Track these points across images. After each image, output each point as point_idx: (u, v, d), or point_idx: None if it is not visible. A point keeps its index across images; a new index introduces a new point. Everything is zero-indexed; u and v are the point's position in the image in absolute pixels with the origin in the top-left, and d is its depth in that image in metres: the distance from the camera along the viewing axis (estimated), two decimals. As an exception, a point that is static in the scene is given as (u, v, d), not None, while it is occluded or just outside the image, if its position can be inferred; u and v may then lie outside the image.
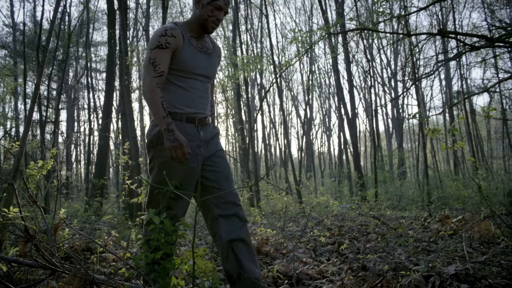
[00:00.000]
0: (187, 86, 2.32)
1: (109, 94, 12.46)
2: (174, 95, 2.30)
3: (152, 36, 2.29)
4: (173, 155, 2.12)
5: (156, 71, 2.21)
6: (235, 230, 2.24)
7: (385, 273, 3.00)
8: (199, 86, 2.38)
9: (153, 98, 2.17)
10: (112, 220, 7.81)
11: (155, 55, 2.23)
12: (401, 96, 24.14)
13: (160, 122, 2.16)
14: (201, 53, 2.38)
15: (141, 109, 24.43)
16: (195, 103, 2.35)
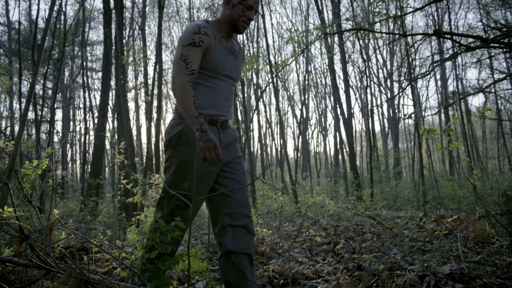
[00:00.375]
0: (213, 86, 2.28)
1: (105, 94, 12.41)
2: (199, 95, 2.23)
3: (185, 32, 2.23)
4: (206, 156, 2.05)
5: (188, 68, 2.16)
6: (242, 243, 2.18)
7: (380, 272, 3.01)
8: (224, 87, 2.33)
9: (186, 97, 2.12)
10: (107, 219, 7.79)
11: (187, 52, 2.17)
12: (397, 96, 24.19)
13: (193, 121, 2.10)
14: (229, 54, 2.34)
15: (137, 108, 24.38)
16: (220, 105, 2.30)
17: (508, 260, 3.39)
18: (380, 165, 22.57)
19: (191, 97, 2.12)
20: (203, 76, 2.25)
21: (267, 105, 30.93)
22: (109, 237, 4.47)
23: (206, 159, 2.05)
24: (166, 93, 27.15)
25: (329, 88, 27.60)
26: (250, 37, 24.34)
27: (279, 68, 12.29)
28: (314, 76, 29.27)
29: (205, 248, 4.10)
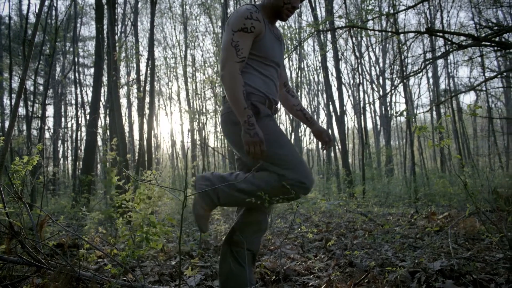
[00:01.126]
0: (266, 73, 2.21)
1: (97, 90, 12.34)
2: (257, 79, 2.17)
3: (236, 17, 2.11)
4: (250, 150, 1.99)
5: (238, 55, 2.06)
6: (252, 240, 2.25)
7: (371, 269, 3.03)
8: (274, 74, 2.28)
9: (235, 85, 2.03)
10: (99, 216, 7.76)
11: (238, 38, 2.07)
12: (389, 94, 24.28)
13: (240, 113, 2.02)
14: (276, 40, 2.29)
15: (129, 105, 24.26)
16: (273, 91, 2.26)
17: (498, 256, 3.43)
18: (372, 162, 22.66)
19: (240, 87, 2.04)
20: (256, 62, 2.19)
21: (260, 102, 30.85)
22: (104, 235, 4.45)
23: (249, 153, 2.00)
24: (158, 90, 27.06)
25: (321, 85, 27.65)
26: (243, 33, 24.29)
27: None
28: (307, 73, 29.31)
29: (197, 244, 4.09)
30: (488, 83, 18.29)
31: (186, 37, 23.45)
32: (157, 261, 3.40)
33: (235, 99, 2.02)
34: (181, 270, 3.03)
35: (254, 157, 2.00)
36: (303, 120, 2.57)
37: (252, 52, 2.16)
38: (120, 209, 2.83)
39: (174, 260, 3.48)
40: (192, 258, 3.51)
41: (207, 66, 21.00)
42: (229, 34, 2.09)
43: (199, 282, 2.63)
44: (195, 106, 24.82)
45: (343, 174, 15.50)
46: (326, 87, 18.10)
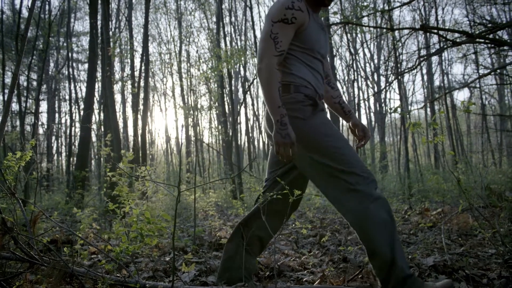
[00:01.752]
0: (313, 66, 2.09)
1: (91, 85, 12.29)
2: (307, 72, 2.06)
3: (276, 6, 1.98)
4: (280, 151, 1.91)
5: (277, 49, 1.94)
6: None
7: (365, 264, 3.04)
8: (320, 67, 2.15)
9: (271, 81, 1.93)
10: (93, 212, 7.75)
11: (277, 30, 1.94)
12: (383, 90, 24.33)
13: (273, 111, 1.92)
14: (321, 29, 2.14)
15: (124, 100, 24.17)
16: (320, 85, 2.15)
17: (490, 252, 3.45)
18: (366, 159, 22.71)
19: (276, 83, 1.94)
20: (302, 54, 2.06)
21: (255, 98, 30.89)
22: (99, 231, 4.44)
23: (279, 154, 1.93)
24: (153, 85, 26.97)
25: (316, 81, 27.57)
26: (238, 29, 24.26)
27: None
28: (302, 69, 29.27)
29: (191, 240, 4.09)
30: (482, 80, 18.40)
31: (181, 32, 23.37)
32: (151, 257, 3.39)
33: (270, 95, 1.93)
34: (175, 266, 3.03)
35: (282, 158, 1.93)
36: (341, 113, 2.49)
37: (297, 44, 2.04)
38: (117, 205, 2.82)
39: (168, 256, 3.48)
40: (186, 254, 3.50)
41: (202, 62, 20.95)
42: (268, 25, 1.98)
43: (193, 278, 2.63)
44: (189, 102, 24.77)
45: (337, 170, 15.49)
46: (321, 84, 18.08)
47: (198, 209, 8.01)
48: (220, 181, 15.04)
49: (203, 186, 14.20)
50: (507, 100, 25.19)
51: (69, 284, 2.27)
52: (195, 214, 2.21)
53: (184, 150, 25.38)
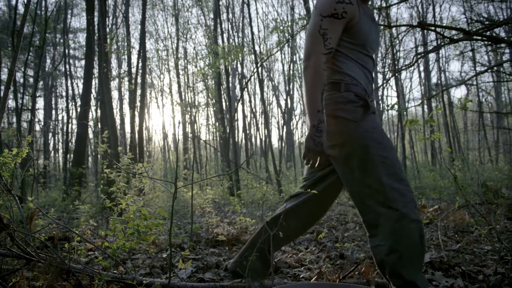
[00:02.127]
0: (365, 65, 1.93)
1: (88, 82, 12.24)
2: (359, 71, 1.91)
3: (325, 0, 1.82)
4: (308, 158, 1.80)
5: (326, 46, 1.79)
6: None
7: (362, 261, 3.05)
8: (370, 66, 1.98)
9: (316, 82, 1.78)
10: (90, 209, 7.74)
11: (327, 25, 1.78)
12: (380, 87, 24.36)
13: (311, 114, 1.77)
14: (372, 22, 1.96)
15: (121, 97, 24.12)
16: (370, 86, 1.98)
17: (486, 249, 3.47)
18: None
19: (321, 86, 1.79)
20: (352, 51, 1.90)
21: (252, 95, 30.92)
22: (96, 228, 4.43)
23: (306, 160, 1.82)
24: (150, 82, 26.92)
25: (314, 78, 27.59)
26: (235, 26, 24.21)
27: (264, 58, 12.25)
28: (299, 66, 29.31)
29: (188, 237, 4.09)
30: (479, 77, 18.40)
31: (178, 29, 23.31)
32: (148, 253, 3.39)
33: (311, 97, 1.78)
34: (172, 263, 3.03)
35: (307, 163, 1.83)
36: None
37: (348, 40, 1.89)
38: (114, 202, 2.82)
39: (166, 253, 3.48)
40: (183, 250, 3.51)
41: (199, 59, 20.92)
42: (317, 19, 1.81)
43: (190, 275, 2.63)
44: (187, 99, 24.73)
45: (334, 167, 15.52)
46: (318, 81, 18.07)
47: (195, 206, 8.01)
48: (218, 178, 15.03)
49: (200, 183, 14.20)
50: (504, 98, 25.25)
51: (66, 281, 2.27)
52: (192, 211, 2.18)
53: (181, 147, 25.37)
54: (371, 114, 1.94)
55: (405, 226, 1.77)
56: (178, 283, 2.22)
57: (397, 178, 1.83)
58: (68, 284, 2.18)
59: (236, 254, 2.41)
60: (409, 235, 1.77)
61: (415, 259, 1.79)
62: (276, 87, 31.58)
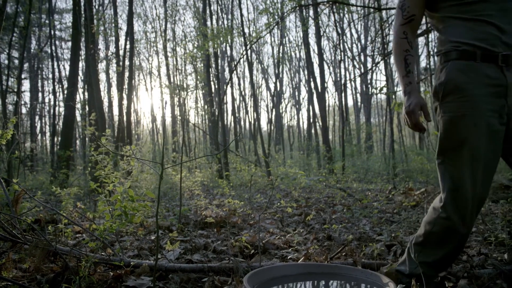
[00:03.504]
0: (470, 15, 1.66)
1: (75, 64, 12.05)
2: (458, 30, 1.69)
3: None
4: (408, 122, 1.75)
5: (404, 16, 1.79)
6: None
7: (349, 242, 3.08)
8: (492, 8, 1.64)
9: (397, 51, 1.79)
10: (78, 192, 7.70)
11: None
12: (370, 71, 24.36)
13: (400, 81, 1.78)
14: None
15: (108, 80, 23.85)
16: (489, 33, 1.62)
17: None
18: (352, 139, 22.88)
19: (402, 52, 1.78)
20: (453, 8, 1.70)
21: (241, 78, 30.77)
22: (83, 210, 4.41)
23: (406, 123, 1.78)
24: (138, 64, 26.63)
25: (303, 61, 27.60)
26: (224, 8, 23.93)
27: (253, 40, 12.14)
28: (289, 49, 29.18)
29: (176, 219, 4.10)
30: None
31: (166, 11, 22.99)
32: (136, 235, 3.39)
33: (396, 65, 1.81)
34: (159, 244, 3.04)
35: (407, 126, 1.79)
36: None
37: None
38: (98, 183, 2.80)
39: (154, 235, 3.48)
40: (172, 232, 3.51)
41: (188, 41, 20.70)
42: None
43: (178, 256, 2.63)
44: (175, 81, 24.53)
45: (323, 150, 15.63)
46: (308, 64, 18.05)
47: (184, 188, 8.01)
48: (206, 161, 15.02)
49: (189, 165, 14.19)
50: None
51: (53, 263, 2.26)
52: (181, 193, 2.19)
53: (170, 130, 25.26)
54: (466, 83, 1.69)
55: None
56: (166, 264, 2.23)
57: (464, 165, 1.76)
58: (55, 266, 2.17)
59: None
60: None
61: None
62: (265, 70, 31.45)
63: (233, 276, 1.99)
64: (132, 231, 3.47)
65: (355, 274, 1.83)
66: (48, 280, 1.97)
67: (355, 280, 1.80)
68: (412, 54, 1.78)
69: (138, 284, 1.89)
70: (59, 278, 2.00)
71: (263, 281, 1.75)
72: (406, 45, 1.78)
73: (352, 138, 23.53)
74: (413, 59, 1.79)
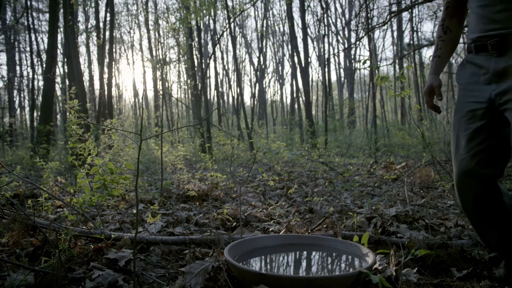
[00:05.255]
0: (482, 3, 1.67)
1: (53, 36, 11.71)
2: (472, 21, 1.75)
3: None
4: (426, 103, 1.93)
5: (444, 6, 1.91)
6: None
7: (330, 215, 3.11)
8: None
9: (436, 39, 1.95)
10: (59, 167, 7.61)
11: None
12: (353, 46, 24.31)
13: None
14: None
15: (89, 53, 23.36)
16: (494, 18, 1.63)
17: (449, 203, 3.59)
18: (335, 114, 22.96)
19: (436, 38, 1.94)
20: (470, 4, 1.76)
21: (224, 52, 30.44)
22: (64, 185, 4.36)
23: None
24: (119, 38, 26.09)
25: (287, 36, 27.36)
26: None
27: (237, 12, 11.97)
28: (273, 23, 28.86)
29: (159, 193, 4.08)
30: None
31: (148, -19, 22.44)
32: (118, 209, 3.38)
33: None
34: (139, 216, 3.03)
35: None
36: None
37: None
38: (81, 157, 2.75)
39: (136, 209, 3.47)
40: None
41: (170, 13, 20.28)
42: None
43: (160, 229, 2.63)
44: (158, 55, 24.13)
45: (306, 125, 15.67)
46: (292, 38, 17.91)
47: (166, 163, 7.98)
48: (189, 136, 14.95)
49: (171, 139, 14.11)
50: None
51: (32, 237, 2.23)
52: (162, 165, 2.17)
53: (152, 105, 24.99)
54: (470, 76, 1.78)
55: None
56: (147, 237, 2.22)
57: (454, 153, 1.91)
58: (34, 239, 2.15)
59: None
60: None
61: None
62: (249, 44, 31.15)
63: (215, 247, 2.00)
64: (113, 204, 3.45)
65: (335, 245, 1.85)
66: (27, 254, 1.95)
67: (335, 250, 1.82)
68: (444, 39, 1.91)
69: (119, 256, 1.89)
70: (39, 252, 1.98)
71: (244, 252, 1.76)
72: (440, 31, 1.92)
73: (335, 113, 23.62)
74: (444, 44, 1.91)
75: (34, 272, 1.62)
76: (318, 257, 1.81)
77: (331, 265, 1.69)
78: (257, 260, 1.73)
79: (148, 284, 1.67)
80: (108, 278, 1.64)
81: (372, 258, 1.51)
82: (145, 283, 1.67)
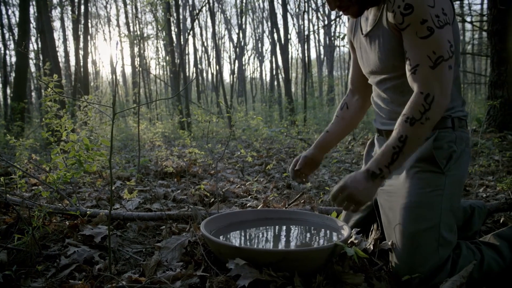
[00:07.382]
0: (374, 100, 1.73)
1: (25, 9, 11.32)
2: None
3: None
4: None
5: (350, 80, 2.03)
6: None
7: (308, 190, 3.14)
8: (374, 92, 1.71)
9: None
10: (34, 144, 7.47)
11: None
12: (333, 23, 24.22)
13: None
14: (365, 41, 1.61)
15: (63, 28, 22.72)
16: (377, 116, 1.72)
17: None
18: (314, 91, 23.00)
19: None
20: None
21: (203, 28, 30.06)
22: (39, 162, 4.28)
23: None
24: (95, 13, 25.44)
25: (266, 12, 27.08)
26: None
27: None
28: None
29: (136, 170, 4.05)
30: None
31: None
32: (95, 186, 3.34)
33: None
34: (115, 194, 3.01)
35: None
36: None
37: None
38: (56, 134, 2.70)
39: (110, 183, 3.44)
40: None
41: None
42: None
43: (137, 206, 2.62)
44: (135, 30, 23.65)
45: (285, 102, 15.68)
46: (271, 14, 17.75)
47: (145, 140, 7.90)
48: (168, 113, 14.80)
49: (149, 116, 13.94)
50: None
51: (5, 215, 2.20)
52: (139, 141, 2.14)
53: (130, 81, 24.60)
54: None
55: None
56: (124, 213, 2.21)
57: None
58: (7, 217, 2.11)
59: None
60: None
61: None
62: (228, 20, 30.75)
63: (191, 223, 2.00)
64: (90, 182, 3.41)
65: (312, 219, 1.87)
66: (0, 232, 1.92)
67: (311, 224, 1.84)
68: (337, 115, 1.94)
69: (95, 232, 1.87)
70: (12, 229, 1.95)
71: (221, 227, 1.76)
72: (339, 106, 1.97)
73: (314, 91, 23.67)
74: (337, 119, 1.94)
75: (7, 249, 1.60)
76: (294, 230, 1.83)
77: (308, 239, 1.71)
78: (233, 234, 1.74)
79: (125, 259, 1.66)
80: (84, 254, 1.63)
81: (348, 231, 1.53)
82: (121, 258, 1.67)
